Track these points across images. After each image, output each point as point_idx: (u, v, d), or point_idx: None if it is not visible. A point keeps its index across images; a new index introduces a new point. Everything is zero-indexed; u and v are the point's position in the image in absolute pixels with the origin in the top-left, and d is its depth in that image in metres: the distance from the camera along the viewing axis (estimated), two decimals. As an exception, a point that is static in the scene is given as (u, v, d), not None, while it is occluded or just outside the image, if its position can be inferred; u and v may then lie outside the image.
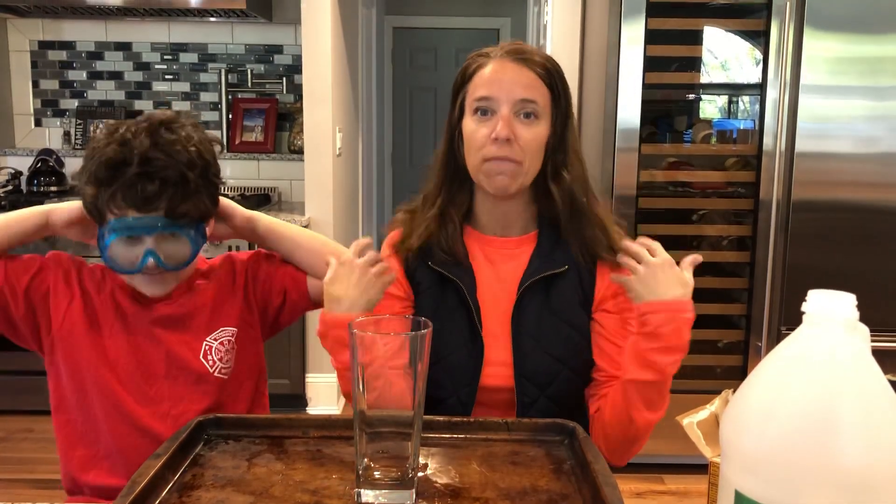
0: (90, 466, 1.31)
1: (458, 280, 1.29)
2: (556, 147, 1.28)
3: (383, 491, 0.82)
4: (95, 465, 1.31)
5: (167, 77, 3.87)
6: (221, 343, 1.34)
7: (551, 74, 1.27)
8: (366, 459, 0.82)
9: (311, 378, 3.38)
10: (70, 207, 1.31)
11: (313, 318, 3.53)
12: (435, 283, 1.31)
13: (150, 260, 1.23)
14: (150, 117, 1.26)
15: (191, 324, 1.34)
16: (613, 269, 1.28)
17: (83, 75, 3.87)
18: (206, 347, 1.33)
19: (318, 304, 1.43)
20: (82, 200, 1.27)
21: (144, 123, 1.24)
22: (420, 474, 0.86)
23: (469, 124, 1.27)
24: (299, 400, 3.37)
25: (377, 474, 0.82)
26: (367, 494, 0.82)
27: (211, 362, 1.32)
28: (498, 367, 1.28)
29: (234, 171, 3.80)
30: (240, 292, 1.40)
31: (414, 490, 0.83)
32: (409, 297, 1.34)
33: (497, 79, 1.24)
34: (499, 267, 1.32)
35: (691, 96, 3.08)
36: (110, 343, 1.30)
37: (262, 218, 1.41)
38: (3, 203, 3.25)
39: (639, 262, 1.15)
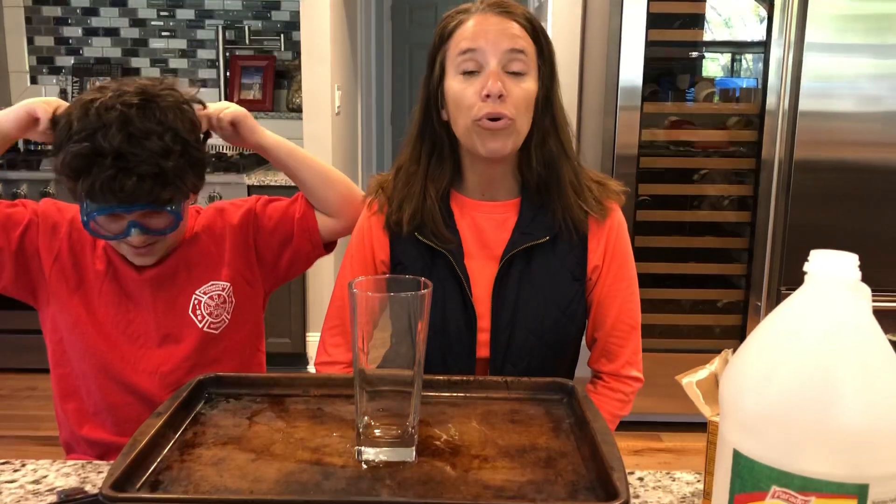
0: (83, 420, 1.32)
1: (447, 251, 1.24)
2: (543, 108, 1.23)
3: (384, 448, 0.83)
4: (88, 420, 1.32)
5: (164, 34, 3.82)
6: (211, 297, 1.33)
7: (535, 28, 1.22)
8: (366, 418, 0.83)
9: (311, 337, 3.40)
10: (45, 115, 1.27)
11: (315, 277, 3.50)
12: (424, 253, 1.26)
13: (135, 230, 1.21)
14: (122, 93, 1.18)
15: (180, 278, 1.32)
16: (600, 228, 1.26)
17: (78, 32, 3.82)
18: (196, 301, 1.32)
19: (328, 246, 1.42)
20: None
21: (116, 110, 1.16)
22: (419, 432, 0.87)
23: (454, 85, 1.20)
24: (300, 358, 3.40)
25: (378, 432, 0.83)
26: (367, 452, 0.83)
27: (200, 317, 1.31)
28: (485, 334, 1.25)
29: (233, 130, 3.76)
30: (237, 246, 1.37)
31: (414, 447, 0.84)
32: (381, 269, 1.30)
33: (481, 30, 1.18)
34: (484, 232, 1.27)
35: (694, 54, 3.04)
36: (99, 302, 1.30)
37: (271, 144, 1.38)
38: (0, 162, 3.23)
39: None
